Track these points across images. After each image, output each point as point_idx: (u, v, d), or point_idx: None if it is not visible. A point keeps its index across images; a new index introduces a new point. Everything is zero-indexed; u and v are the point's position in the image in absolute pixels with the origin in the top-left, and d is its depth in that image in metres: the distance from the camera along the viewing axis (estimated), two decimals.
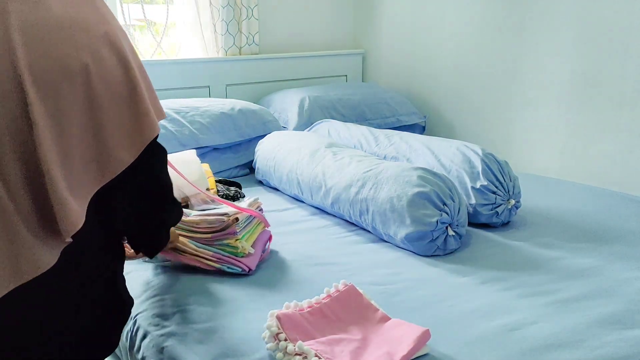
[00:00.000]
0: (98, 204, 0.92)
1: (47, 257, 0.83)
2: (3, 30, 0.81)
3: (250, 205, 1.50)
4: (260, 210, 1.55)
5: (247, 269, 1.38)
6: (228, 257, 1.37)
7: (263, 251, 1.49)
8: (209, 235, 1.38)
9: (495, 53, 2.62)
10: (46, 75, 0.82)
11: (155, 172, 1.03)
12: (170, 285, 1.35)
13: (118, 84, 0.89)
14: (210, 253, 1.38)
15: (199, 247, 1.38)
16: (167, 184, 1.08)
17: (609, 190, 2.07)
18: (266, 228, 1.53)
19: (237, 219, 1.38)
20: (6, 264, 0.80)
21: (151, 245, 1.13)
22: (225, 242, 1.37)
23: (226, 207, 1.44)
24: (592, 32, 2.23)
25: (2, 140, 0.80)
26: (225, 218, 1.37)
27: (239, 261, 1.37)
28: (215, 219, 1.37)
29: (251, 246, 1.42)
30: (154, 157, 1.00)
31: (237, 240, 1.37)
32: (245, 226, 1.42)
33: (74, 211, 0.83)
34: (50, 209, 0.82)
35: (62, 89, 0.83)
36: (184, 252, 1.38)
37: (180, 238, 1.39)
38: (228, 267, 1.38)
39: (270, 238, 1.55)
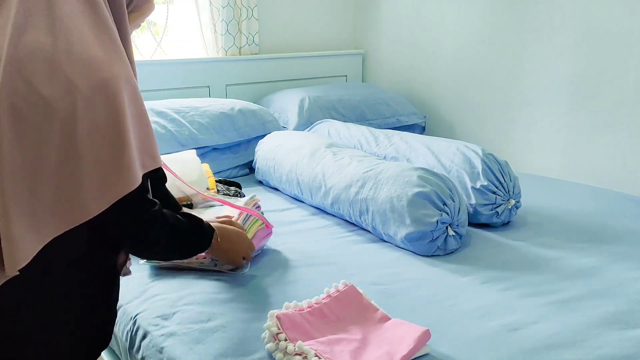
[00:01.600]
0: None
1: None
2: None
3: (246, 203, 1.49)
4: (258, 207, 1.54)
5: (240, 268, 1.37)
6: None
7: (258, 251, 1.48)
8: None
9: (495, 53, 2.62)
10: (28, 109, 0.80)
11: (133, 232, 1.00)
12: (170, 285, 1.35)
13: (103, 134, 0.85)
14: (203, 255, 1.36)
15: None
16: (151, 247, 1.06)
17: (609, 190, 2.07)
18: (267, 228, 1.52)
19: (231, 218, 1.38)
20: None
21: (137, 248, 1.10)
22: None
23: (225, 208, 1.44)
24: (592, 32, 2.23)
25: None
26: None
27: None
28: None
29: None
30: (133, 215, 0.97)
31: None
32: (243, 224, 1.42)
33: (22, 250, 0.81)
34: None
35: (42, 127, 0.81)
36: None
37: None
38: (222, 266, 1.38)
39: (269, 234, 1.54)
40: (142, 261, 1.42)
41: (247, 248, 1.35)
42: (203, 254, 1.29)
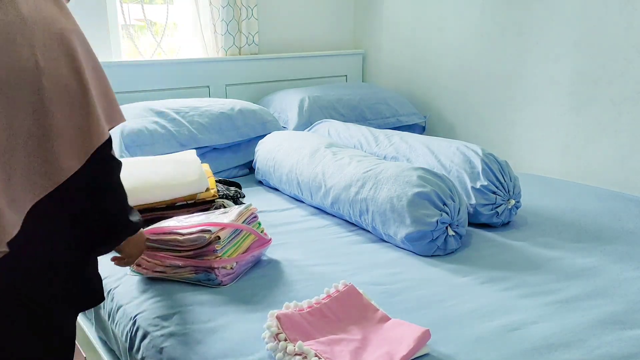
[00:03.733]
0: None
1: None
2: None
3: (240, 214, 1.43)
4: (255, 217, 1.48)
5: (220, 281, 1.33)
6: (204, 266, 1.33)
7: (249, 264, 1.43)
8: (191, 252, 1.33)
9: (495, 53, 2.62)
10: (2, 75, 0.81)
11: (102, 182, 1.00)
12: (170, 286, 1.35)
13: (67, 89, 0.86)
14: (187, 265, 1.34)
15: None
16: (116, 195, 1.05)
17: (609, 190, 2.07)
18: (261, 240, 1.46)
19: (218, 237, 1.31)
20: None
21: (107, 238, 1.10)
22: (205, 258, 1.32)
23: (220, 217, 1.40)
24: (592, 32, 2.23)
25: None
26: (206, 236, 1.31)
27: (214, 270, 1.32)
28: (197, 237, 1.32)
29: (239, 255, 1.36)
30: (102, 166, 0.97)
31: (216, 257, 1.31)
32: (231, 240, 1.37)
33: (7, 222, 0.82)
34: None
35: (12, 91, 0.82)
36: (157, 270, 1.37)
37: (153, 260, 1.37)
38: (203, 278, 1.34)
39: (267, 242, 1.48)
40: (129, 272, 1.41)
41: (138, 254, 1.31)
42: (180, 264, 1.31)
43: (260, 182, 2.28)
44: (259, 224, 1.50)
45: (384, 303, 1.23)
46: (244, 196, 1.84)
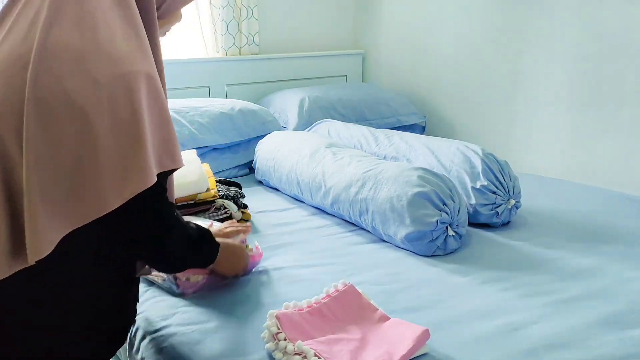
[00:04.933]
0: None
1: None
2: (29, 48, 0.82)
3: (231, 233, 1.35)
4: (242, 242, 1.37)
5: (182, 292, 1.30)
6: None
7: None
8: None
9: (495, 53, 2.61)
10: (52, 102, 0.81)
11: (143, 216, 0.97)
12: None
13: (121, 130, 0.85)
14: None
15: None
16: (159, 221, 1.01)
17: (609, 191, 2.07)
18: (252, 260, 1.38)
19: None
20: None
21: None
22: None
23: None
24: (592, 32, 2.22)
25: None
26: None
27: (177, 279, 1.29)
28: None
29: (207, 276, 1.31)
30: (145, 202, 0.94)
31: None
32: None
33: (44, 240, 0.81)
34: (22, 232, 0.81)
35: (64, 120, 0.82)
36: None
37: None
38: (166, 284, 1.32)
39: (258, 257, 1.41)
40: None
41: (244, 266, 1.32)
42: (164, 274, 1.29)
43: (260, 182, 2.28)
44: (247, 246, 1.39)
45: (384, 303, 1.23)
46: (244, 196, 1.83)
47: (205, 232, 1.13)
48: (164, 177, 0.96)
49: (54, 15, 0.85)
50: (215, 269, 1.25)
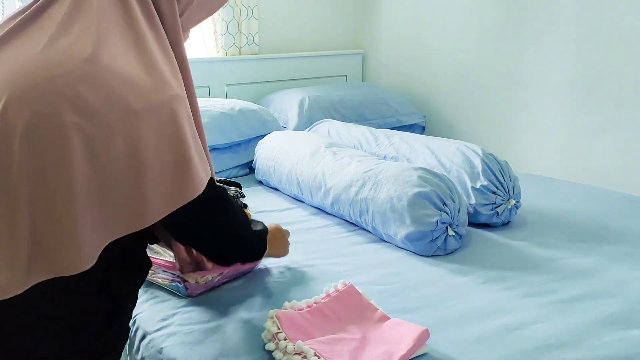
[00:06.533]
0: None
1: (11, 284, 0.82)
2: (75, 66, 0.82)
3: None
4: None
5: (189, 294, 1.29)
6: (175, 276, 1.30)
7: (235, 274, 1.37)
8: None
9: (495, 53, 2.61)
10: (89, 127, 0.81)
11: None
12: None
13: (165, 153, 0.87)
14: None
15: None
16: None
17: (609, 190, 2.07)
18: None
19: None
20: None
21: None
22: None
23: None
24: (592, 32, 2.22)
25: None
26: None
27: (184, 281, 1.28)
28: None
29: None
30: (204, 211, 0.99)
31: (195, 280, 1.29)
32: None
33: (86, 254, 0.82)
34: (55, 244, 0.81)
35: (106, 143, 0.82)
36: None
37: None
38: (172, 286, 1.31)
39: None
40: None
41: (287, 243, 1.42)
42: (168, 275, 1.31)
43: (260, 182, 2.28)
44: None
45: (384, 303, 1.23)
46: (244, 196, 1.83)
47: (259, 222, 1.26)
48: (212, 184, 1.00)
49: (77, 34, 0.85)
50: (266, 254, 1.32)
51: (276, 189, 2.16)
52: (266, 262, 1.46)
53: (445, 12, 2.81)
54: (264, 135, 2.38)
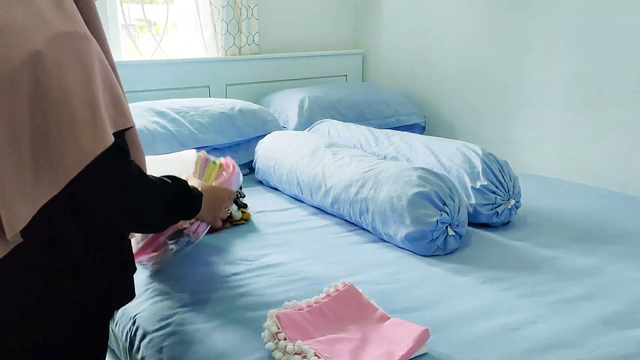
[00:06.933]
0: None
1: None
2: None
3: (196, 163, 1.39)
4: (207, 160, 1.42)
5: (196, 238, 1.31)
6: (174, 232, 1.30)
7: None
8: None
9: (495, 53, 2.62)
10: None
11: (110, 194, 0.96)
12: (169, 286, 1.35)
13: (72, 95, 0.85)
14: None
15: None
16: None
17: (609, 190, 2.07)
18: (227, 167, 1.40)
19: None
20: None
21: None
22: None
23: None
24: (592, 32, 2.23)
25: None
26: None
27: (183, 230, 1.29)
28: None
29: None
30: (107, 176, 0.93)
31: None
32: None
33: (17, 216, 0.85)
34: None
35: (13, 96, 0.83)
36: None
37: None
38: (183, 243, 1.32)
39: (231, 175, 1.40)
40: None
41: (228, 197, 1.30)
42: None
43: (260, 182, 2.28)
44: (214, 162, 1.43)
45: (384, 303, 1.23)
46: (244, 196, 1.84)
47: (182, 184, 1.10)
48: (121, 137, 0.95)
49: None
50: (201, 217, 1.22)
51: (276, 189, 2.16)
52: (266, 262, 1.46)
53: (445, 12, 2.82)
54: (264, 135, 2.39)
